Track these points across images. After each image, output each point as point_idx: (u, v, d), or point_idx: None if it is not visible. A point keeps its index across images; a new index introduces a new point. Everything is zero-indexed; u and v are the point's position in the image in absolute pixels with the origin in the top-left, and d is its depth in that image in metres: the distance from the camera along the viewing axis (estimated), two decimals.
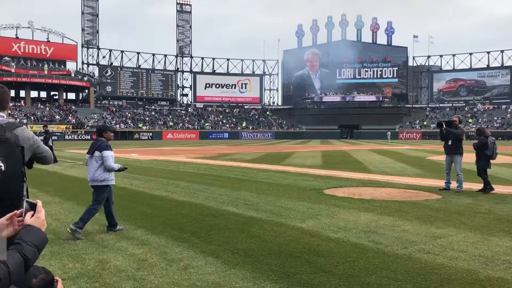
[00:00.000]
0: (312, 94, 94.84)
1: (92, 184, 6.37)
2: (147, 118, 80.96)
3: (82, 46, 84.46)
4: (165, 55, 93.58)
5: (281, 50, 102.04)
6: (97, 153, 6.32)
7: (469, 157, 14.83)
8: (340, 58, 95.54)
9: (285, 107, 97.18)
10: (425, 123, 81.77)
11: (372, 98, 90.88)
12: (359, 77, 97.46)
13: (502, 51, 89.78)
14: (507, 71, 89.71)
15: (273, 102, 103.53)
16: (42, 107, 73.99)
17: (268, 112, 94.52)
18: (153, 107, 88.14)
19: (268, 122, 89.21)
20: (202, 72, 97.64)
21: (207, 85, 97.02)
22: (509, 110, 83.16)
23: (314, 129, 79.78)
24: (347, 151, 31.12)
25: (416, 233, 6.20)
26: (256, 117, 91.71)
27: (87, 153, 6.49)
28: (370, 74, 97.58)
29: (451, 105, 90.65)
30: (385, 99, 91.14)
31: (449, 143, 10.62)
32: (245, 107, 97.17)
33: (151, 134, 71.24)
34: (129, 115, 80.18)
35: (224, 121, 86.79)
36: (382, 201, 9.07)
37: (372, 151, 30.24)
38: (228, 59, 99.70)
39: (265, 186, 11.30)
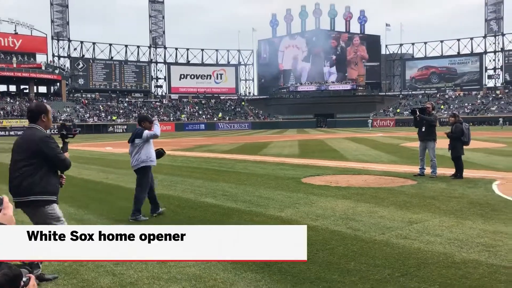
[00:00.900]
0: (287, 83, 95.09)
1: (135, 168, 6.92)
2: (121, 111, 79.72)
3: (52, 38, 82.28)
4: (138, 46, 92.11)
5: (256, 40, 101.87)
6: (137, 140, 6.88)
7: (442, 143, 15.16)
8: (314, 47, 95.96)
9: (261, 97, 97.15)
10: (398, 110, 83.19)
11: (347, 86, 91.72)
12: (333, 75, 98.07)
13: (471, 39, 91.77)
14: (476, 58, 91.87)
15: (249, 93, 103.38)
16: (12, 101, 71.92)
17: (243, 103, 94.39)
18: (127, 99, 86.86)
19: (245, 113, 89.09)
20: (176, 63, 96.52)
21: (182, 76, 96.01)
22: (478, 96, 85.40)
23: (290, 119, 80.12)
24: (323, 139, 31.39)
25: (392, 218, 6.31)
26: (232, 107, 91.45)
27: (128, 141, 7.02)
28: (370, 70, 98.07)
29: (423, 92, 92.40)
30: (359, 88, 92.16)
31: (423, 129, 10.81)
32: (221, 97, 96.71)
33: (125, 127, 70.28)
34: (103, 108, 78.78)
35: (200, 112, 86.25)
36: (359, 188, 9.18)
37: (348, 139, 30.59)
38: (202, 50, 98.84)
39: (243, 177, 11.28)
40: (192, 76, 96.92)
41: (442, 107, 79.69)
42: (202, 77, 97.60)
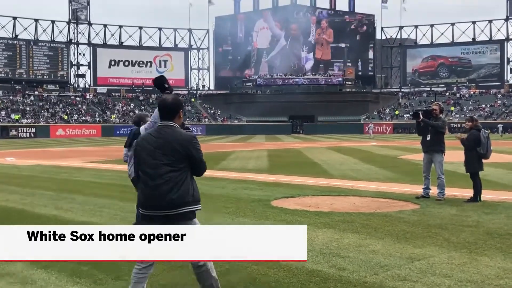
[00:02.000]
0: (254, 75, 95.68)
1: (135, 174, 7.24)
2: (28, 108, 77.97)
3: None
4: (53, 21, 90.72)
5: (213, 17, 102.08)
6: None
7: (452, 155, 15.55)
8: (290, 27, 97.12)
9: (219, 92, 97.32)
10: (397, 112, 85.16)
11: (331, 80, 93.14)
12: (314, 53, 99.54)
13: (490, 21, 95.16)
14: (497, 46, 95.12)
15: (203, 86, 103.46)
16: None
17: (193, 99, 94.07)
18: (36, 92, 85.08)
19: (197, 113, 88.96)
20: (105, 45, 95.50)
21: (113, 63, 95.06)
22: (499, 95, 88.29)
23: (257, 122, 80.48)
24: (300, 149, 31.66)
25: (388, 254, 6.40)
26: None
27: (125, 146, 7.59)
28: (336, 52, 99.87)
29: (429, 89, 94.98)
30: (347, 82, 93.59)
31: (428, 138, 11.03)
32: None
33: (34, 129, 69.00)
34: (2, 104, 76.77)
35: (137, 111, 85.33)
36: (345, 214, 9.29)
37: (331, 149, 30.96)
38: (140, 28, 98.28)
39: None
40: (127, 63, 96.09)
41: (452, 108, 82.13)
42: (140, 64, 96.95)
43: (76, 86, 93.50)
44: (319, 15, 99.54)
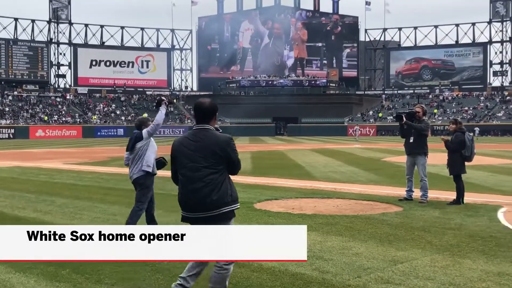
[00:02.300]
0: (237, 76, 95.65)
1: (136, 176, 7.62)
2: (6, 109, 77.14)
3: None
4: (33, 21, 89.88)
5: (196, 17, 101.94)
6: (138, 144, 7.64)
7: (435, 158, 15.68)
8: (273, 26, 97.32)
9: (202, 93, 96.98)
10: (380, 114, 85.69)
11: (315, 82, 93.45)
12: (298, 54, 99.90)
13: (473, 24, 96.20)
14: (479, 49, 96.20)
15: (186, 87, 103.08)
16: None
17: (175, 100, 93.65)
18: (15, 92, 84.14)
19: (180, 114, 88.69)
20: (86, 45, 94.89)
21: (94, 63, 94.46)
22: (481, 98, 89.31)
23: (241, 123, 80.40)
24: (284, 151, 31.73)
25: (371, 257, 6.44)
26: None
27: (127, 149, 7.72)
28: (312, 50, 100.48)
29: (412, 91, 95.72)
30: (331, 84, 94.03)
31: (411, 140, 11.12)
32: (148, 92, 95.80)
33: (12, 130, 68.32)
34: None
35: (118, 113, 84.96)
36: (329, 216, 9.33)
37: (315, 151, 31.07)
38: (123, 27, 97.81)
39: (176, 201, 11.14)
40: (108, 63, 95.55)
41: (435, 111, 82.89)
42: (122, 64, 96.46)
43: (57, 86, 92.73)
44: (299, 16, 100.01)
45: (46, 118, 76.67)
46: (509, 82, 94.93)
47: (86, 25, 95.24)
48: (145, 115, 73.49)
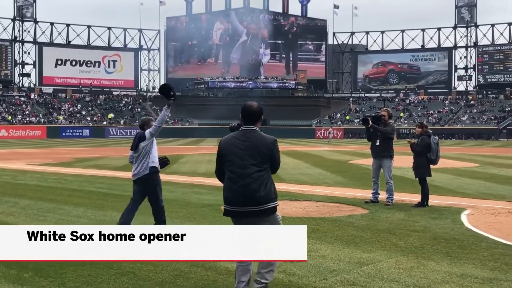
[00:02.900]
0: (206, 77, 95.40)
1: (141, 175, 7.97)
2: None
3: None
4: None
5: (164, 17, 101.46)
6: (142, 144, 8.02)
7: (401, 161, 15.92)
8: (242, 30, 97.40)
9: None
10: (347, 117, 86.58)
11: (283, 84, 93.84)
12: (266, 56, 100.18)
13: (439, 29, 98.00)
14: (445, 53, 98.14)
15: (154, 87, 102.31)
16: None
17: (140, 101, 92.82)
18: None
19: (147, 114, 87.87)
20: (51, 44, 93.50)
21: (59, 62, 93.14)
22: (446, 102, 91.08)
23: (209, 125, 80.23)
24: None
25: (337, 259, 6.50)
26: (130, 107, 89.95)
27: (132, 148, 8.12)
28: (280, 53, 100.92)
29: (379, 95, 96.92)
30: (299, 87, 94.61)
31: (377, 143, 11.26)
32: (114, 93, 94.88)
33: None
34: None
35: (84, 113, 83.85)
36: (296, 218, 9.39)
37: (284, 154, 31.17)
38: (89, 27, 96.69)
39: (142, 204, 11.08)
40: (74, 63, 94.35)
41: (401, 114, 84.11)
42: (88, 64, 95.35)
43: (21, 85, 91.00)
44: (263, 18, 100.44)
45: (9, 118, 75.18)
46: (473, 86, 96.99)
47: (52, 24, 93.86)
48: (111, 115, 72.22)
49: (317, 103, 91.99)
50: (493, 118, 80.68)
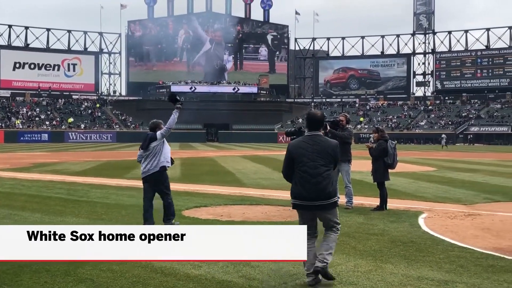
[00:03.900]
0: (168, 81, 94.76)
1: (152, 171, 8.76)
2: None
3: None
4: None
5: (126, 21, 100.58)
6: (153, 143, 8.81)
7: (360, 165, 16.12)
8: (205, 38, 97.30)
9: (131, 98, 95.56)
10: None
11: (246, 89, 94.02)
12: (230, 62, 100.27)
13: (398, 36, 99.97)
14: (404, 60, 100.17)
15: (115, 91, 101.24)
16: None
17: (98, 105, 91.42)
18: None
19: (108, 119, 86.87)
20: (9, 46, 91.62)
21: (17, 65, 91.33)
22: (405, 107, 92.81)
23: (172, 129, 79.61)
24: (215, 158, 31.72)
25: (297, 263, 6.51)
26: (90, 111, 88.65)
27: (143, 148, 8.84)
28: (242, 57, 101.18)
29: (340, 100, 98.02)
30: (262, 92, 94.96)
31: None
32: (74, 97, 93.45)
33: None
34: None
35: (43, 117, 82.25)
36: (257, 223, 9.39)
37: (246, 158, 31.22)
38: (48, 29, 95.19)
39: (100, 209, 10.99)
40: (33, 66, 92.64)
41: (361, 119, 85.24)
42: (47, 67, 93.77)
43: None
44: (225, 23, 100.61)
45: None
46: (431, 92, 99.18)
47: (10, 26, 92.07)
48: (71, 120, 71.04)
49: (279, 108, 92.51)
50: (450, 123, 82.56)
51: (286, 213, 10.65)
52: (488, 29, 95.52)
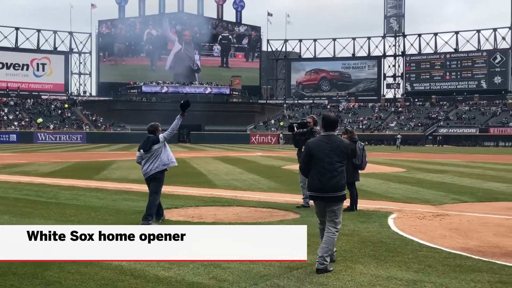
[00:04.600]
0: (139, 82, 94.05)
1: (155, 171, 9.18)
2: None
3: None
4: None
5: (96, 20, 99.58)
6: (155, 146, 9.23)
7: None
8: (173, 39, 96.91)
9: (102, 98, 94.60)
10: (281, 123, 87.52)
11: (218, 90, 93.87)
12: (202, 61, 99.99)
13: (368, 38, 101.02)
14: (374, 62, 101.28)
15: (85, 92, 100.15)
16: None
17: (66, 105, 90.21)
18: None
19: (78, 119, 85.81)
20: None
21: None
22: (376, 109, 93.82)
23: (142, 130, 78.54)
24: (186, 159, 31.56)
25: (268, 264, 6.49)
26: (60, 111, 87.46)
27: (145, 149, 9.21)
28: (215, 59, 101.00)
29: (312, 101, 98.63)
30: (234, 93, 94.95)
31: (303, 149, 11.46)
32: (43, 97, 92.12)
33: None
34: None
35: (11, 117, 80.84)
36: (228, 224, 9.36)
37: (218, 159, 31.18)
38: (17, 29, 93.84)
39: (70, 210, 10.84)
40: (1, 65, 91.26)
41: None
42: (16, 67, 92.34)
43: None
44: (197, 24, 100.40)
45: None
46: (401, 94, 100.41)
47: None
48: (40, 120, 70.07)
49: (252, 109, 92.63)
50: (420, 124, 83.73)
51: (257, 214, 10.67)
52: (456, 33, 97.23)
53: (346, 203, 11.10)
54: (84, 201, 12.34)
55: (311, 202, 7.30)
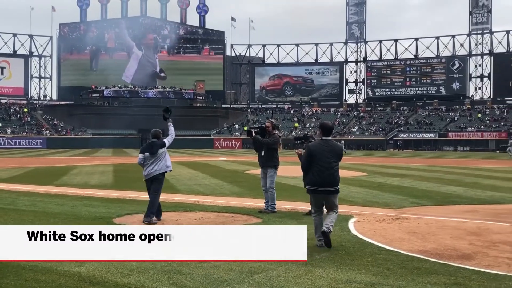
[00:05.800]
0: (101, 86, 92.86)
1: (158, 172, 10.31)
2: None
3: None
4: None
5: (57, 23, 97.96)
6: (161, 150, 10.39)
7: (294, 170, 16.32)
8: (139, 39, 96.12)
9: (62, 102, 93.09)
10: (245, 128, 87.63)
11: (181, 94, 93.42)
12: (163, 64, 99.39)
13: (331, 44, 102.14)
14: (337, 67, 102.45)
15: (45, 96, 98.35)
16: None
17: (25, 109, 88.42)
18: None
19: (37, 124, 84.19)
20: None
21: None
22: (338, 114, 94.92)
23: (104, 135, 78.06)
24: None
25: (229, 269, 6.49)
26: (19, 116, 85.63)
27: (151, 153, 10.29)
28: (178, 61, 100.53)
29: (275, 106, 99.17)
30: (198, 97, 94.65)
31: (262, 154, 11.58)
32: (2, 101, 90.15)
33: None
34: None
35: None
36: None
37: (181, 164, 31.02)
38: None
39: (27, 217, 10.62)
40: None
41: (296, 125, 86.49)
42: None
43: None
44: (160, 28, 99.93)
45: None
46: (363, 99, 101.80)
47: None
48: None
49: (216, 113, 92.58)
50: (381, 129, 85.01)
51: (219, 219, 10.66)
52: (416, 39, 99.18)
53: (308, 207, 11.26)
54: (43, 207, 12.11)
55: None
